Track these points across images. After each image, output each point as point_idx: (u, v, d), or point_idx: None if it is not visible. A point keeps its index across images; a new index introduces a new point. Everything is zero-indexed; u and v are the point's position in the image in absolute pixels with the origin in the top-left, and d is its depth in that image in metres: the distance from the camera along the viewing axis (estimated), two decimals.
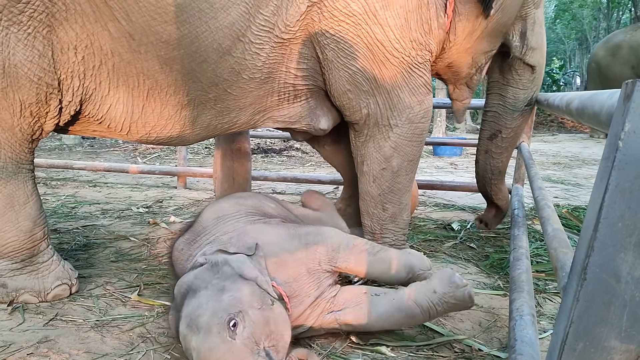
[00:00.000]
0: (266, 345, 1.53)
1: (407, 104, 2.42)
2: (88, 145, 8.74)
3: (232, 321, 1.50)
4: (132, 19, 1.99)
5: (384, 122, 2.44)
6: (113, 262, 2.88)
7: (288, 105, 2.49)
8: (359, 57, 2.31)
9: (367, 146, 2.52)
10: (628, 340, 0.69)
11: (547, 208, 1.94)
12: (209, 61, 2.15)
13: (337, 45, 2.30)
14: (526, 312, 1.57)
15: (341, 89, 2.40)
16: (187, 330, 1.57)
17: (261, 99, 2.40)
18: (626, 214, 0.67)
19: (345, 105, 2.45)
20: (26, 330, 2.01)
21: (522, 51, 2.71)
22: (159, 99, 2.21)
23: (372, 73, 2.34)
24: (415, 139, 2.52)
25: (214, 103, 2.30)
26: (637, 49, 10.67)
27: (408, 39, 2.33)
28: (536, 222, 3.69)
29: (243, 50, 2.18)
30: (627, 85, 0.68)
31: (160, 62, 2.11)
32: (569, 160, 8.11)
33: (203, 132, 2.41)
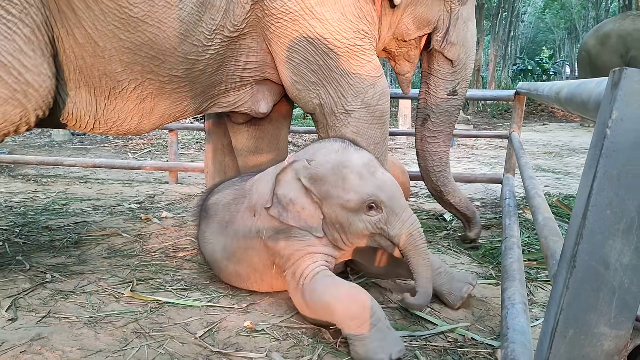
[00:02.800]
0: None
1: (360, 88, 2.48)
2: (78, 142, 8.68)
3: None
4: (98, 28, 2.17)
5: (340, 109, 2.50)
6: (105, 258, 2.87)
7: (233, 93, 2.62)
8: (301, 50, 2.41)
9: (329, 136, 2.57)
10: (617, 327, 0.70)
11: (538, 197, 1.95)
12: (166, 63, 2.32)
13: (279, 40, 2.42)
14: (518, 300, 1.58)
15: (289, 80, 2.50)
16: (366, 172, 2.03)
17: (210, 88, 2.55)
18: (614, 201, 0.67)
19: (296, 96, 2.56)
20: (18, 328, 2.01)
21: (441, 45, 2.81)
22: (120, 97, 2.38)
23: (316, 64, 2.44)
24: (376, 122, 2.56)
25: (168, 95, 2.46)
26: (626, 37, 10.71)
27: (351, 29, 2.42)
28: (527, 211, 3.71)
29: (197, 52, 2.34)
30: (615, 73, 0.68)
31: (122, 65, 2.28)
32: (559, 149, 8.15)
33: (158, 122, 2.56)
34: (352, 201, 2.00)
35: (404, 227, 2.01)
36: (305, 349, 1.91)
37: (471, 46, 2.89)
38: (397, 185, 2.07)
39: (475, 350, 1.92)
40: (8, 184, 5.09)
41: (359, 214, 2.02)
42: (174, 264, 2.78)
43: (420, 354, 1.88)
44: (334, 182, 2.03)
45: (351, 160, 2.04)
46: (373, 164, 2.07)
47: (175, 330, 2.04)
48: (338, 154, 2.07)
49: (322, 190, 2.06)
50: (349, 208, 2.02)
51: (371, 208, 2.00)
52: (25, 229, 3.41)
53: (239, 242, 2.29)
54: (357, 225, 2.03)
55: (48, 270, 2.61)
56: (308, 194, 2.09)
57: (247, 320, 2.09)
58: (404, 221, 2.01)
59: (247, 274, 2.32)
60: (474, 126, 12.18)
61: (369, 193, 1.99)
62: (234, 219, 2.35)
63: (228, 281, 2.45)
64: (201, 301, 2.30)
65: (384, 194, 2.00)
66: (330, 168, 2.04)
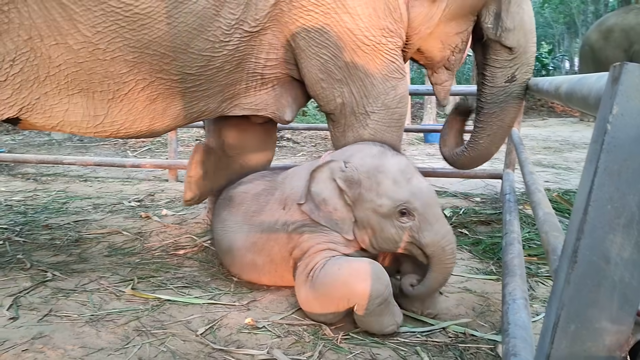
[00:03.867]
0: None
1: (382, 90, 2.43)
2: (77, 140, 8.67)
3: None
4: (98, 29, 2.03)
5: (360, 110, 2.45)
6: (106, 256, 2.87)
7: (255, 93, 2.51)
8: (330, 46, 2.34)
9: (346, 136, 2.53)
10: (619, 322, 0.70)
11: (538, 192, 1.95)
12: (177, 60, 2.18)
13: (307, 34, 2.32)
14: (519, 295, 1.58)
15: (314, 78, 2.43)
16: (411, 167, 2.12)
17: (229, 87, 2.42)
18: (615, 196, 0.67)
19: (319, 94, 2.48)
20: (20, 326, 2.01)
21: (497, 33, 2.63)
22: (127, 98, 2.24)
23: (343, 61, 2.37)
24: (394, 124, 2.53)
25: (182, 95, 2.32)
26: (629, 32, 10.65)
27: (377, 27, 2.35)
28: (527, 207, 3.71)
29: (213, 48, 2.21)
30: (615, 68, 0.68)
31: (127, 66, 2.13)
32: (559, 145, 8.14)
33: (172, 123, 2.43)
34: (385, 206, 2.02)
35: (436, 239, 2.02)
36: (306, 346, 1.92)
37: (530, 28, 2.70)
38: (433, 194, 2.09)
39: (476, 346, 1.92)
40: (8, 182, 5.09)
41: (391, 219, 2.04)
42: (175, 262, 2.78)
43: (421, 350, 1.88)
44: (369, 186, 2.06)
45: (387, 166, 2.07)
46: (410, 171, 2.09)
47: (177, 328, 2.04)
48: (375, 158, 2.11)
49: (356, 193, 2.08)
50: (382, 213, 2.04)
51: (403, 214, 2.02)
52: (26, 227, 3.41)
53: (263, 232, 2.31)
54: (389, 231, 2.05)
55: (49, 268, 2.62)
56: (342, 195, 2.11)
57: (249, 318, 2.10)
58: (437, 232, 2.02)
59: (264, 264, 2.34)
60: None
61: (402, 199, 2.01)
62: (262, 209, 2.36)
63: (239, 272, 2.46)
64: (202, 299, 2.30)
65: (418, 201, 2.01)
66: (366, 171, 2.08)
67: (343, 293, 1.95)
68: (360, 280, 1.93)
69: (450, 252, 2.03)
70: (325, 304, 2.02)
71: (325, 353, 1.87)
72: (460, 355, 1.86)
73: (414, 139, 8.74)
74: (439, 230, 2.02)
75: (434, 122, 10.04)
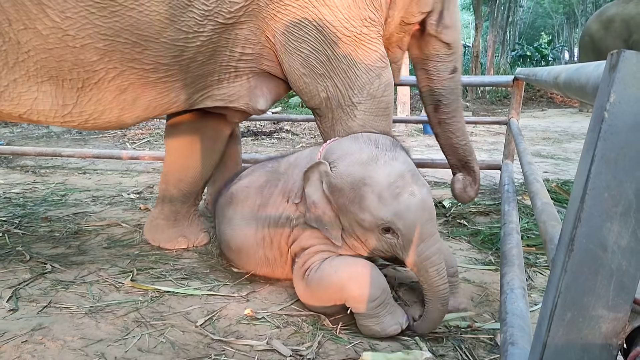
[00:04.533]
0: None
1: (366, 79, 2.42)
2: (76, 133, 8.66)
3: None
4: (69, 15, 1.98)
5: (347, 102, 2.44)
6: (105, 248, 2.87)
7: (228, 84, 2.47)
8: (310, 40, 2.33)
9: (335, 130, 2.51)
10: (615, 309, 0.70)
11: (536, 182, 1.95)
12: (150, 49, 2.15)
13: (287, 29, 2.31)
14: (517, 285, 1.58)
15: (296, 73, 2.41)
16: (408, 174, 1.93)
17: (202, 78, 2.39)
18: (612, 184, 0.67)
19: (303, 89, 2.46)
20: (20, 318, 2.01)
21: (437, 29, 2.73)
22: (96, 87, 2.20)
23: (325, 55, 2.35)
24: (382, 113, 2.52)
25: (153, 85, 2.29)
26: (629, 22, 10.63)
27: (358, 17, 2.35)
28: (526, 197, 3.71)
29: (186, 38, 2.18)
30: (613, 55, 0.68)
31: (98, 54, 2.09)
32: (558, 135, 8.14)
33: (142, 115, 2.38)
34: (366, 222, 1.91)
35: (418, 260, 1.88)
36: (305, 336, 1.92)
37: (459, 26, 2.86)
38: (423, 211, 1.87)
39: (475, 336, 1.93)
40: (7, 175, 5.08)
41: (375, 232, 1.94)
42: (174, 254, 2.79)
43: (420, 340, 1.89)
44: (352, 198, 1.93)
45: (374, 178, 1.89)
46: (400, 184, 1.88)
47: (176, 319, 2.05)
48: (363, 166, 1.93)
49: (339, 202, 1.98)
50: (364, 227, 1.94)
51: (387, 231, 1.90)
52: (25, 220, 3.41)
53: (271, 226, 2.26)
54: (373, 241, 1.97)
55: (48, 260, 2.62)
56: (329, 201, 2.03)
57: (248, 309, 2.10)
58: (419, 253, 1.87)
59: (275, 258, 2.30)
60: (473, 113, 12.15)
61: (384, 218, 1.87)
62: (267, 202, 2.30)
63: (255, 268, 2.41)
64: (201, 290, 2.31)
65: (402, 222, 1.86)
66: (350, 182, 1.93)
67: (339, 296, 1.95)
68: (355, 284, 1.91)
69: (436, 274, 1.87)
70: (322, 301, 2.03)
71: (324, 343, 1.88)
72: (459, 344, 1.87)
73: (413, 130, 8.73)
74: (423, 252, 1.86)
75: None
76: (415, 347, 1.85)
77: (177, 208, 2.93)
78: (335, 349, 1.84)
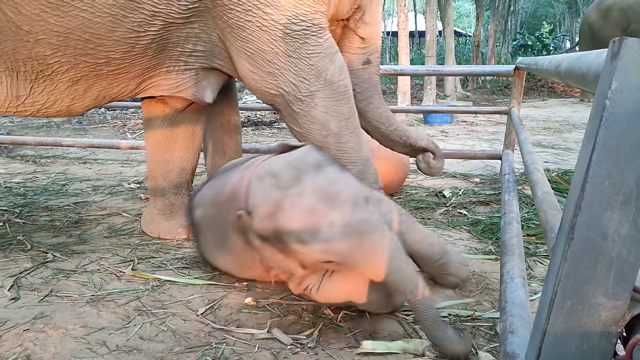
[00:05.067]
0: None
1: (320, 67, 2.41)
2: (76, 122, 8.65)
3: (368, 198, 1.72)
4: (22, 12, 2.01)
5: (304, 92, 2.42)
6: (106, 237, 2.88)
7: (176, 75, 2.50)
8: (255, 40, 2.31)
9: (299, 123, 2.50)
10: (615, 297, 0.70)
11: (537, 172, 1.95)
12: (102, 45, 2.19)
13: (232, 31, 2.31)
14: (517, 274, 1.59)
15: (245, 71, 2.40)
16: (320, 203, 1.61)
17: (151, 69, 2.44)
18: (613, 172, 0.67)
19: (253, 87, 2.45)
20: (21, 307, 2.02)
21: (356, 25, 2.76)
22: (50, 79, 2.25)
23: (272, 52, 2.34)
24: (342, 97, 2.50)
25: (104, 77, 2.35)
26: (628, 11, 10.59)
27: (305, 12, 2.34)
28: (526, 187, 3.72)
29: (137, 36, 2.22)
30: (615, 43, 0.67)
31: (52, 48, 2.13)
32: (559, 125, 8.12)
33: (91, 104, 2.45)
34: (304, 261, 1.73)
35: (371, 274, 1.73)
36: (306, 325, 1.93)
37: (379, 26, 2.87)
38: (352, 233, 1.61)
39: (474, 324, 1.94)
40: (7, 164, 5.09)
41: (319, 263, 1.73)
42: (174, 243, 2.79)
43: (420, 329, 1.90)
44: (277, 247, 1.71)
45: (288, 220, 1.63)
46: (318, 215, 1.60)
47: (177, 307, 2.06)
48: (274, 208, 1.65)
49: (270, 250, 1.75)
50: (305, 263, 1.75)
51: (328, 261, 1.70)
52: (26, 209, 3.42)
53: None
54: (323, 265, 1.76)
55: (49, 249, 2.63)
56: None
57: (249, 298, 2.11)
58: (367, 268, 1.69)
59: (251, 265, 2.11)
60: (474, 102, 12.13)
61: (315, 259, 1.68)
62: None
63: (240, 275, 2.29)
64: (202, 279, 2.31)
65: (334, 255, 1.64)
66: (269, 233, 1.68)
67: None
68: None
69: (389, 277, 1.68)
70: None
71: (325, 332, 1.88)
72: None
73: (413, 120, 8.72)
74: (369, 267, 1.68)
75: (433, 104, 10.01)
76: (416, 335, 1.86)
77: (171, 200, 2.93)
78: (336, 337, 1.85)
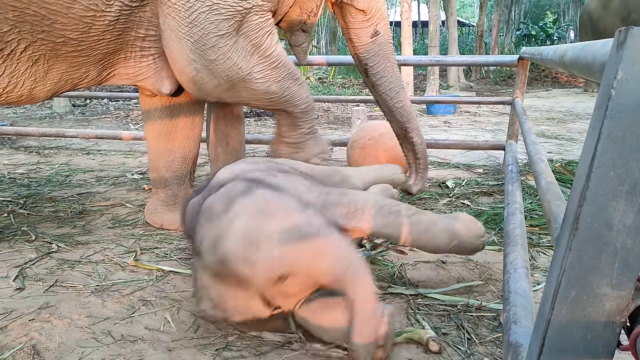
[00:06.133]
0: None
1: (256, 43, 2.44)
2: (79, 113, 8.65)
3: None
4: None
5: (244, 73, 2.44)
6: (110, 228, 2.89)
7: (134, 64, 2.54)
8: (200, 24, 2.30)
9: (242, 96, 2.54)
10: (619, 287, 0.70)
11: (541, 162, 1.94)
12: (58, 23, 2.19)
13: (178, 15, 2.29)
14: (520, 265, 1.59)
15: (185, 59, 2.37)
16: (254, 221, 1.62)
17: (110, 55, 2.47)
18: (618, 162, 0.67)
19: (193, 77, 2.42)
20: (27, 297, 2.04)
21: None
22: (9, 59, 2.25)
23: (216, 36, 2.33)
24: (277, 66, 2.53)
25: (63, 59, 2.36)
26: (627, 0, 10.51)
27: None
28: (530, 177, 3.71)
29: (93, 16, 2.23)
30: (620, 32, 0.67)
31: (9, 24, 2.14)
32: (562, 115, 8.09)
33: (54, 88, 2.46)
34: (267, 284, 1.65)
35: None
36: None
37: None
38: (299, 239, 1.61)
39: (477, 315, 1.94)
40: (11, 155, 5.10)
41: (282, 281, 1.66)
42: (178, 233, 2.80)
43: (423, 318, 1.90)
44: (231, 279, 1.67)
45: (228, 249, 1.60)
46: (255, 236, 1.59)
47: (181, 298, 2.06)
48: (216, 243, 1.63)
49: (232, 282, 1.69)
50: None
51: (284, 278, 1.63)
52: (30, 200, 3.43)
53: None
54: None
55: (54, 240, 2.64)
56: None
57: None
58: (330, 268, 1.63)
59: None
60: (477, 93, 12.09)
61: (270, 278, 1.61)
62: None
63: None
64: None
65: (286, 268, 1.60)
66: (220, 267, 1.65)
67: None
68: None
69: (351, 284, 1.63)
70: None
71: None
72: (462, 323, 1.88)
73: (416, 111, 8.69)
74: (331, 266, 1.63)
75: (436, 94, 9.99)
76: (419, 325, 1.86)
77: (174, 191, 2.94)
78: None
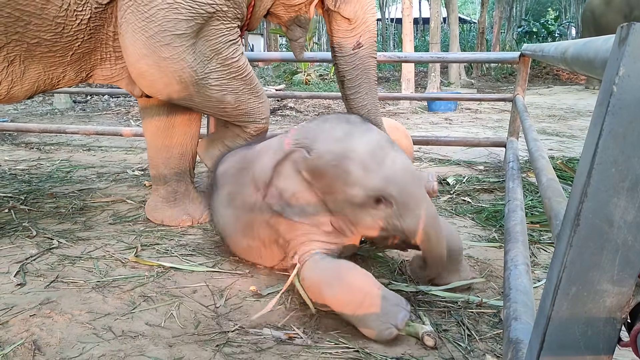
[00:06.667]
0: None
1: (216, 47, 2.46)
2: (80, 110, 8.65)
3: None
4: None
5: (198, 77, 2.44)
6: (111, 224, 2.89)
7: (110, 66, 2.57)
8: (156, 21, 2.30)
9: (195, 101, 2.55)
10: (620, 284, 0.70)
11: (542, 159, 1.94)
12: (31, 24, 2.21)
13: (137, 8, 2.30)
14: (520, 261, 1.59)
15: (137, 54, 2.37)
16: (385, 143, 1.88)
17: (85, 56, 2.49)
18: (619, 159, 0.67)
19: (143, 73, 2.42)
20: (27, 292, 2.04)
21: (336, 5, 2.74)
22: None
23: (174, 34, 2.33)
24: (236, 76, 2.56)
25: (39, 59, 2.37)
26: None
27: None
28: (531, 174, 3.71)
29: (66, 16, 2.25)
30: (622, 28, 0.67)
31: None
32: (564, 112, 8.08)
33: (32, 88, 2.47)
34: (358, 197, 1.83)
35: (419, 225, 1.81)
36: (308, 311, 1.94)
37: (364, 2, 2.79)
38: (411, 174, 1.85)
39: (478, 311, 1.94)
40: (12, 152, 5.10)
41: (367, 208, 1.85)
42: (179, 230, 2.81)
43: (424, 314, 1.90)
44: (336, 175, 1.84)
45: (355, 149, 1.83)
46: (382, 151, 1.83)
47: (182, 294, 2.07)
48: (340, 141, 1.86)
49: (324, 184, 1.89)
50: (355, 203, 1.85)
51: (380, 202, 1.82)
52: (31, 196, 3.43)
53: (247, 216, 2.17)
54: (365, 220, 1.88)
55: (54, 236, 2.64)
56: (311, 188, 1.93)
57: (253, 285, 2.12)
58: (418, 217, 1.80)
59: (258, 247, 2.23)
60: (478, 90, 12.07)
61: (374, 188, 1.80)
62: (241, 190, 2.21)
63: (243, 256, 2.35)
64: (206, 266, 2.32)
65: (394, 187, 1.79)
66: (331, 160, 1.85)
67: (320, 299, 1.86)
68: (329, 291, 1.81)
69: (435, 237, 1.83)
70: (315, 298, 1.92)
71: (327, 320, 1.89)
72: (462, 319, 1.88)
73: (417, 108, 8.69)
74: (420, 216, 1.80)
75: (437, 91, 9.97)
76: (418, 321, 1.87)
77: (174, 187, 2.94)
78: (340, 324, 1.86)
